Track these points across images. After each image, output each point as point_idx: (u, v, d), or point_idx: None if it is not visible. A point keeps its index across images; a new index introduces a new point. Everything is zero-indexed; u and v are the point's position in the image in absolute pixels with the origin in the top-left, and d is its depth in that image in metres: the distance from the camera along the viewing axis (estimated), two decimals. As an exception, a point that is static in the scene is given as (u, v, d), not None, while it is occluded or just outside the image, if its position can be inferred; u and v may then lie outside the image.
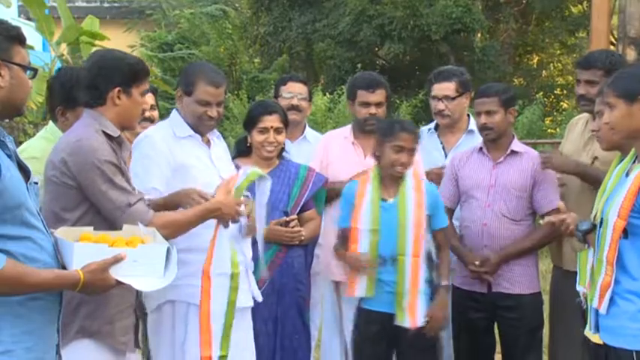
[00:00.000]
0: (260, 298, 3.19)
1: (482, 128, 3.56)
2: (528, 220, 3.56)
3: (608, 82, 2.53)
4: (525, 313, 3.48)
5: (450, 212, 3.65)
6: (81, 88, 2.57)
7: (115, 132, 2.53)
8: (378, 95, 3.83)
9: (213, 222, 2.90)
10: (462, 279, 3.61)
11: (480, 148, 3.64)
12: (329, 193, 3.78)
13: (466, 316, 3.57)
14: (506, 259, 3.48)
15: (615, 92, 2.44)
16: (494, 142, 3.57)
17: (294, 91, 4.08)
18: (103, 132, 2.50)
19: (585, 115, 3.59)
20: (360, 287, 3.33)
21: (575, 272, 3.31)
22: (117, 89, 2.51)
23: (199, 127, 3.08)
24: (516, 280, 3.49)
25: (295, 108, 4.07)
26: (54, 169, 2.45)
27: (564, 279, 3.38)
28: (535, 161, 3.51)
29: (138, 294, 2.66)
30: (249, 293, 3.13)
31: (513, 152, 3.57)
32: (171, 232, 2.59)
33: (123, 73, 2.52)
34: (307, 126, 4.25)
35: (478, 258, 3.50)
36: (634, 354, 2.38)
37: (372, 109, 3.84)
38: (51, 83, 3.12)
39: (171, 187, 2.94)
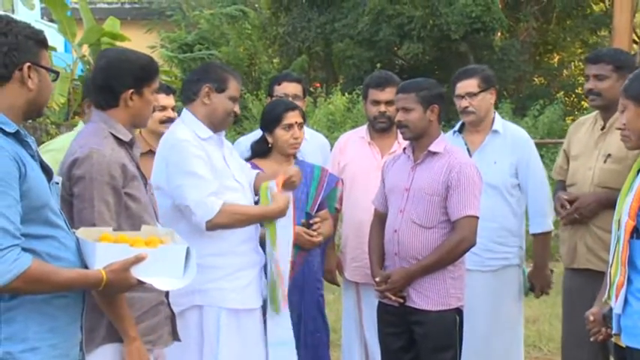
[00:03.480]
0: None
1: (398, 126, 3.34)
2: (443, 229, 3.22)
3: (623, 84, 2.59)
4: (430, 330, 3.19)
5: (383, 218, 3.41)
6: (93, 89, 2.57)
7: (126, 136, 2.51)
8: (388, 93, 3.80)
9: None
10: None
11: (405, 149, 3.41)
12: None
13: (383, 330, 3.36)
14: (409, 278, 3.20)
15: (626, 94, 2.54)
16: (415, 142, 3.31)
17: (288, 92, 3.98)
18: (114, 135, 2.48)
19: (591, 115, 3.60)
20: None
21: (588, 270, 3.36)
22: (130, 91, 2.50)
23: (224, 124, 3.09)
24: (424, 295, 3.21)
25: None
26: (62, 185, 2.42)
27: (577, 277, 3.37)
28: (452, 164, 3.21)
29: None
30: (259, 294, 3.13)
31: (431, 153, 3.28)
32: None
33: (135, 75, 2.51)
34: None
35: (381, 274, 3.27)
36: None
37: (382, 107, 3.84)
38: (85, 78, 3.13)
39: None
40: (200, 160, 2.95)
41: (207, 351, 2.97)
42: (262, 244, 3.17)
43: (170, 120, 3.59)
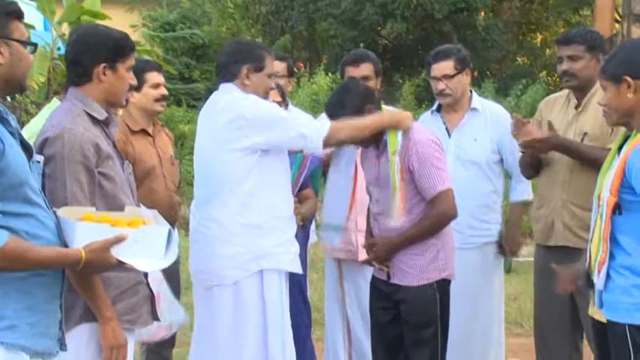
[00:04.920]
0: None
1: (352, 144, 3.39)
2: (418, 208, 3.21)
3: (601, 65, 2.62)
4: (412, 306, 3.24)
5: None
6: (66, 64, 2.53)
7: (100, 114, 2.47)
8: (363, 69, 3.80)
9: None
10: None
11: None
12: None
13: (374, 303, 3.41)
14: (392, 247, 3.25)
15: (604, 75, 2.56)
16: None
17: (275, 70, 3.97)
18: (89, 114, 2.45)
19: (563, 92, 3.62)
20: None
21: (565, 246, 3.41)
22: (102, 65, 2.45)
23: (265, 99, 3.16)
24: (406, 271, 3.25)
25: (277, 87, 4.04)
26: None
27: (550, 255, 3.40)
28: (407, 148, 3.16)
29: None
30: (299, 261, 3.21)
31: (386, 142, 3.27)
32: None
33: (108, 48, 2.46)
34: (290, 104, 4.18)
35: (368, 239, 3.37)
36: (626, 327, 2.44)
37: None
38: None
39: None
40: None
41: (271, 314, 3.03)
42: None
43: (164, 97, 3.61)
